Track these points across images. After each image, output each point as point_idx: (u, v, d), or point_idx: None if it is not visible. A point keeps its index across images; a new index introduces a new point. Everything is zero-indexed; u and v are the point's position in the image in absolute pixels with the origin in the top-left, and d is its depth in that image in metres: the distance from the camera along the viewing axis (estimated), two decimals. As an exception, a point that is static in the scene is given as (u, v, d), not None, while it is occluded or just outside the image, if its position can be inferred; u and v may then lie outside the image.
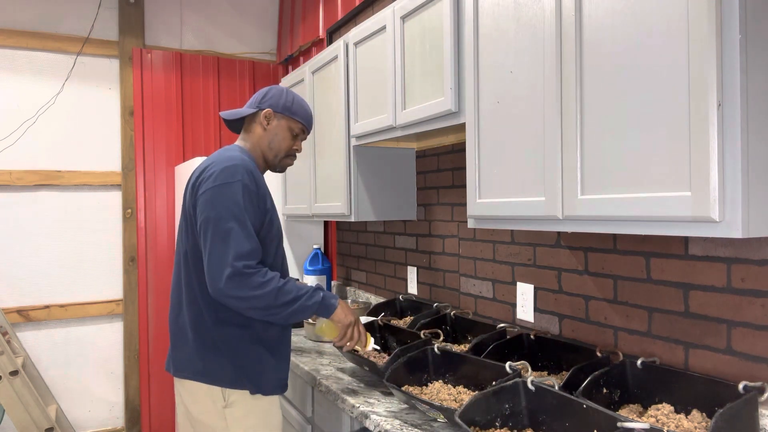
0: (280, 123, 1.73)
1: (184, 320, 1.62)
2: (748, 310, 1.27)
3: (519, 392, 1.31)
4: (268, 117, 1.72)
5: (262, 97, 1.74)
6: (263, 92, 1.75)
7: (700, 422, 1.20)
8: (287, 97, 1.74)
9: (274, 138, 1.73)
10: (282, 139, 1.74)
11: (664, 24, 1.05)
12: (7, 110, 3.29)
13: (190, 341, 1.59)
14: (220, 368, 1.56)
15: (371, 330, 2.07)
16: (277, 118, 1.73)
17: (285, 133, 1.74)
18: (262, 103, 1.73)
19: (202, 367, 1.57)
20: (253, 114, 1.74)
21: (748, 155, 0.97)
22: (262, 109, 1.72)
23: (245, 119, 1.76)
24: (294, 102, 1.75)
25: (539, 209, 1.34)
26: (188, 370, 1.59)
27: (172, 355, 1.66)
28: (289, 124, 1.74)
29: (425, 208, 2.49)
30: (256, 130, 1.73)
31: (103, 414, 3.48)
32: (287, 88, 1.79)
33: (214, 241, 1.48)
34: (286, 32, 3.79)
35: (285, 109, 1.73)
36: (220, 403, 1.57)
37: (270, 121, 1.72)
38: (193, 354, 1.58)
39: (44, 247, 3.35)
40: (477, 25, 1.55)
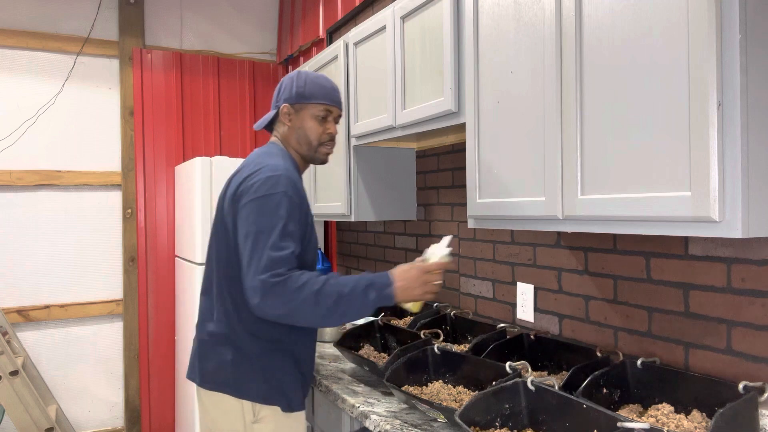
0: (300, 114, 1.61)
1: (215, 331, 1.53)
2: (748, 310, 1.27)
3: (519, 392, 1.31)
4: (287, 113, 1.62)
5: (277, 93, 1.65)
6: (277, 89, 1.66)
7: (700, 422, 1.20)
8: (298, 82, 1.61)
9: (299, 132, 1.61)
10: (308, 130, 1.61)
11: (664, 24, 1.05)
12: (7, 110, 3.28)
13: (220, 353, 1.51)
14: (251, 383, 1.49)
15: (371, 330, 2.07)
16: (295, 110, 1.61)
17: (309, 122, 1.61)
18: (278, 101, 1.64)
19: (233, 381, 1.49)
20: (275, 114, 1.65)
21: (748, 155, 0.97)
22: (279, 106, 1.63)
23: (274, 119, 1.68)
24: (307, 84, 1.60)
25: (539, 209, 1.34)
26: (216, 382, 1.52)
27: (199, 366, 1.57)
28: (311, 111, 1.61)
29: (425, 208, 2.49)
30: (281, 129, 1.64)
31: (103, 414, 3.48)
32: (299, 71, 1.65)
33: (252, 257, 1.38)
34: (286, 32, 3.79)
35: (299, 97, 1.60)
36: (249, 417, 1.49)
37: (290, 116, 1.62)
38: (224, 366, 1.50)
39: (44, 247, 3.35)
40: (477, 25, 1.55)
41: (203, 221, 2.76)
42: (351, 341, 2.00)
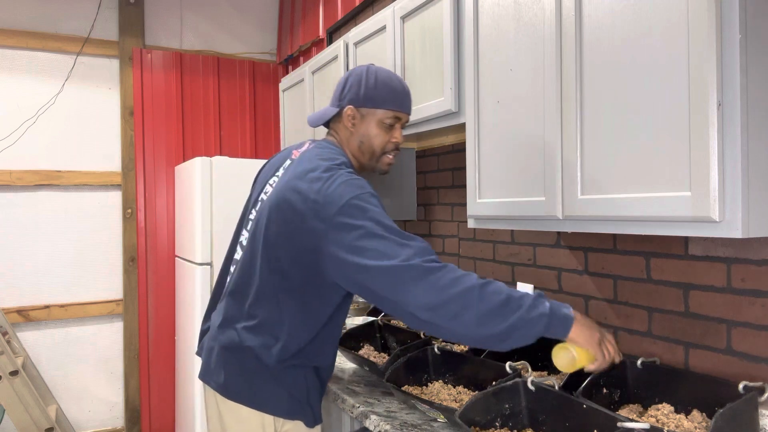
0: (366, 120, 1.43)
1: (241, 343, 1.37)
2: (748, 310, 1.27)
3: (519, 392, 1.31)
4: (351, 117, 1.44)
5: (341, 90, 1.46)
6: (341, 84, 1.47)
7: (700, 422, 1.20)
8: (368, 82, 1.42)
9: (364, 139, 1.44)
10: (373, 137, 1.44)
11: (664, 24, 1.05)
12: (7, 110, 3.28)
13: (246, 364, 1.38)
14: (276, 397, 1.38)
15: (371, 330, 2.07)
16: (361, 114, 1.43)
17: (376, 129, 1.44)
18: (342, 100, 1.44)
19: (256, 393, 1.38)
20: (338, 113, 1.47)
21: (748, 155, 0.97)
22: (343, 107, 1.44)
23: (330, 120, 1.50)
24: (377, 86, 1.42)
25: (539, 209, 1.34)
26: (237, 393, 1.39)
27: (219, 373, 1.41)
28: (378, 117, 1.43)
29: (425, 208, 2.49)
30: (342, 132, 1.47)
31: (103, 414, 3.48)
32: (368, 68, 1.46)
33: (377, 253, 1.16)
34: (286, 32, 3.79)
35: (368, 100, 1.41)
36: (270, 429, 1.39)
37: (354, 120, 1.44)
38: (248, 378, 1.38)
39: (44, 247, 3.35)
40: (477, 25, 1.55)
41: (203, 221, 2.75)
42: (351, 341, 2.00)
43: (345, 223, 1.21)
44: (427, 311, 1.11)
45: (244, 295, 1.41)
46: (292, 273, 1.32)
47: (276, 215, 1.33)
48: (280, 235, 1.32)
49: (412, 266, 1.13)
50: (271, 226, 1.34)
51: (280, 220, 1.32)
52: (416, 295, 1.12)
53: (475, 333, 1.11)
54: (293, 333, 1.35)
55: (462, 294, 1.10)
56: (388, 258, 1.15)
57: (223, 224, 2.76)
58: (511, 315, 1.09)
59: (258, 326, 1.37)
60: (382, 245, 1.17)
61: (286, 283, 1.33)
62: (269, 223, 1.35)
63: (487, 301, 1.10)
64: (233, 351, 1.39)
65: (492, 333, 1.10)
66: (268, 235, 1.35)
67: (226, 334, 1.41)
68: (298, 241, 1.28)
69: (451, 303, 1.10)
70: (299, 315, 1.35)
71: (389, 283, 1.14)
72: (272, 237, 1.34)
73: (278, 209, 1.33)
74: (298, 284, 1.32)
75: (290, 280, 1.33)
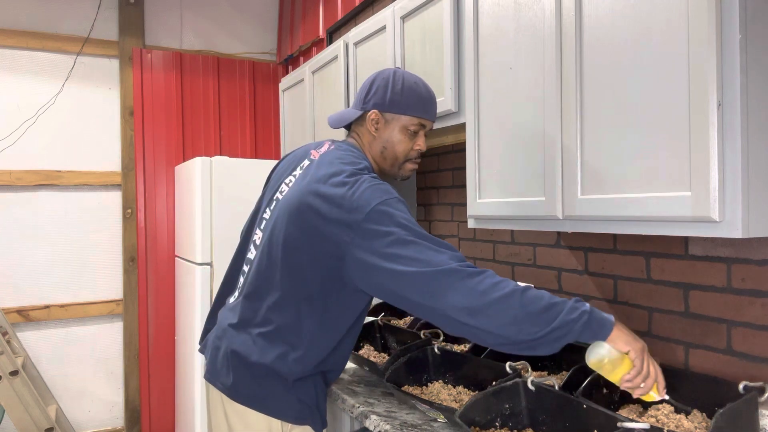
0: (390, 125, 1.41)
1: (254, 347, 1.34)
2: (748, 310, 1.27)
3: (519, 392, 1.31)
4: (375, 121, 1.41)
5: (365, 93, 1.43)
6: (366, 86, 1.44)
7: (700, 422, 1.20)
8: (394, 87, 1.40)
9: (387, 144, 1.42)
10: (397, 144, 1.42)
11: (664, 24, 1.05)
12: (7, 110, 3.28)
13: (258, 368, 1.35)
14: (285, 404, 1.35)
15: (371, 330, 2.07)
16: (385, 120, 1.41)
17: (399, 135, 1.42)
18: (366, 103, 1.42)
19: (265, 397, 1.35)
20: (360, 116, 1.45)
21: (748, 155, 0.97)
22: (368, 110, 1.42)
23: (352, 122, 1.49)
24: (404, 92, 1.40)
25: (539, 209, 1.34)
26: (246, 396, 1.36)
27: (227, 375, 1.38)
28: (402, 123, 1.41)
29: (425, 208, 2.49)
30: (365, 136, 1.44)
31: (103, 414, 3.48)
32: (395, 72, 1.44)
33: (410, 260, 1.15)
34: (286, 32, 3.79)
35: (393, 105, 1.39)
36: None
37: (378, 125, 1.42)
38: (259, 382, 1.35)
39: (44, 247, 3.35)
40: (477, 25, 1.55)
41: (203, 221, 2.75)
42: (351, 341, 2.00)
43: (373, 230, 1.19)
44: (468, 315, 1.10)
45: (261, 299, 1.36)
46: (313, 279, 1.29)
47: (297, 219, 1.30)
48: (301, 240, 1.29)
49: (450, 270, 1.12)
50: (291, 230, 1.30)
51: (302, 225, 1.29)
52: (456, 299, 1.10)
53: (516, 337, 1.09)
54: (314, 342, 1.32)
55: (503, 298, 1.09)
56: (424, 264, 1.14)
57: (223, 224, 2.76)
58: (553, 320, 1.07)
59: (274, 333, 1.33)
60: (414, 251, 1.15)
61: (307, 290, 1.30)
62: (289, 225, 1.31)
63: (529, 306, 1.08)
64: (244, 356, 1.35)
65: (533, 338, 1.08)
66: (288, 239, 1.31)
67: (240, 338, 1.37)
68: (320, 247, 1.25)
69: (492, 307, 1.09)
70: (320, 323, 1.32)
71: (426, 289, 1.13)
72: (293, 242, 1.30)
73: (299, 213, 1.29)
74: (319, 291, 1.29)
75: (311, 287, 1.30)
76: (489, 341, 1.13)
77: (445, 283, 1.12)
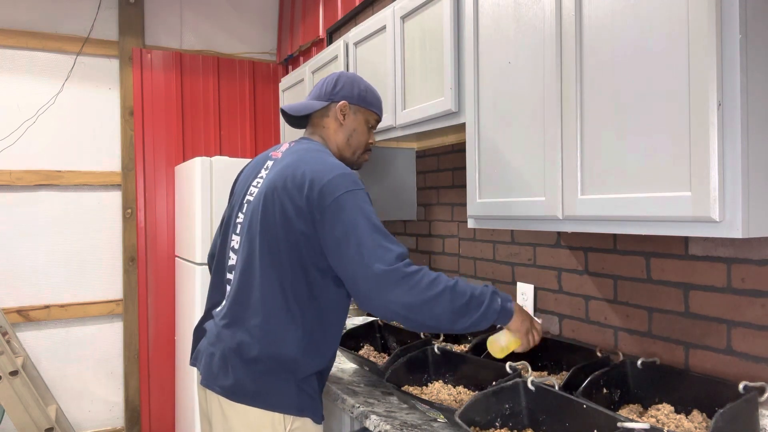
0: (356, 116, 1.58)
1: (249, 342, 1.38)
2: (748, 310, 1.27)
3: (519, 392, 1.31)
4: (343, 111, 1.56)
5: (332, 87, 1.57)
6: (332, 82, 1.58)
7: (700, 422, 1.20)
8: (361, 85, 1.59)
9: (353, 133, 1.58)
10: (360, 134, 1.59)
11: (664, 24, 1.05)
12: (7, 110, 3.28)
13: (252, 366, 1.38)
14: (285, 396, 1.38)
15: (371, 330, 2.07)
16: (352, 111, 1.57)
17: (362, 126, 1.59)
18: (334, 95, 1.56)
19: (264, 393, 1.38)
20: (325, 108, 1.57)
21: (748, 155, 0.97)
22: (336, 101, 1.56)
23: (312, 115, 1.60)
24: (368, 90, 1.60)
25: (539, 209, 1.34)
26: (244, 395, 1.38)
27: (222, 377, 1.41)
28: (365, 116, 1.59)
29: (425, 208, 2.49)
30: (330, 126, 1.57)
31: (103, 414, 3.48)
32: (357, 75, 1.65)
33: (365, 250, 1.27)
34: (286, 32, 3.79)
35: (360, 100, 1.57)
36: (281, 429, 1.38)
37: (346, 115, 1.56)
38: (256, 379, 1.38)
39: (44, 247, 3.35)
40: (477, 25, 1.55)
41: (203, 221, 2.75)
42: (351, 341, 2.00)
43: (338, 215, 1.30)
44: (406, 310, 1.25)
45: (249, 294, 1.41)
46: (292, 263, 1.37)
47: (271, 207, 1.39)
48: (277, 226, 1.37)
49: (395, 270, 1.25)
50: (267, 219, 1.39)
51: (276, 211, 1.38)
52: (398, 295, 1.24)
53: (446, 327, 1.29)
54: (305, 324, 1.38)
55: (437, 296, 1.25)
56: (375, 259, 1.26)
57: (223, 224, 2.76)
58: (475, 312, 1.29)
59: (267, 323, 1.37)
60: (370, 242, 1.28)
61: (288, 275, 1.37)
62: (264, 216, 1.40)
63: (457, 301, 1.26)
64: (244, 352, 1.38)
65: (459, 327, 1.29)
66: (265, 228, 1.39)
67: (236, 336, 1.40)
68: (293, 230, 1.35)
69: (427, 303, 1.25)
70: (306, 306, 1.38)
71: (374, 283, 1.26)
72: (270, 230, 1.38)
73: (272, 201, 1.39)
74: (300, 274, 1.37)
75: (291, 271, 1.37)
76: (421, 329, 1.35)
77: (391, 279, 1.25)
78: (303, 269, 1.37)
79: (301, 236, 1.35)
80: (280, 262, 1.37)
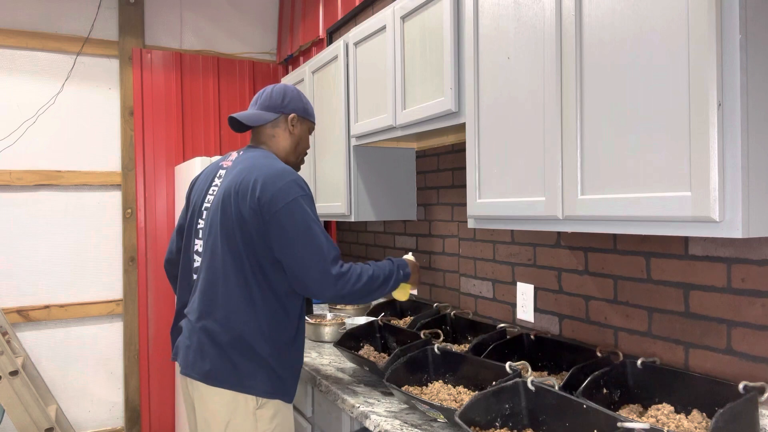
0: (302, 126, 1.79)
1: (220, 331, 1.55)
2: (748, 310, 1.27)
3: (519, 392, 1.31)
4: (294, 122, 1.76)
5: (281, 100, 1.74)
6: (280, 95, 1.75)
7: (700, 422, 1.20)
8: (304, 98, 1.80)
9: (300, 141, 1.79)
10: (305, 141, 1.81)
11: (665, 24, 1.05)
12: (7, 110, 3.28)
13: (226, 352, 1.55)
14: (257, 380, 1.55)
15: (371, 330, 2.07)
16: (300, 122, 1.77)
17: (306, 134, 1.81)
18: (284, 107, 1.74)
19: (238, 378, 1.55)
20: (276, 119, 1.75)
21: (748, 155, 0.97)
22: (286, 113, 1.74)
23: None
24: (308, 103, 1.81)
25: (539, 209, 1.34)
26: (220, 380, 1.55)
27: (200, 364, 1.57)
28: (308, 126, 1.81)
29: (425, 208, 2.49)
30: (280, 135, 1.75)
31: (103, 414, 3.48)
32: (297, 88, 1.83)
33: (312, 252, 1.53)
34: (286, 32, 3.79)
35: (305, 112, 1.78)
36: (253, 405, 1.57)
37: (296, 125, 1.76)
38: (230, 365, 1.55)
39: (44, 247, 3.35)
40: (477, 25, 1.55)
41: (203, 221, 2.75)
42: (351, 341, 2.00)
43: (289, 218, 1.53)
44: (341, 298, 1.57)
45: (215, 287, 1.59)
46: (249, 254, 1.56)
47: (229, 208, 1.58)
48: (235, 224, 1.57)
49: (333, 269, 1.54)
50: (227, 218, 1.58)
51: (234, 211, 1.57)
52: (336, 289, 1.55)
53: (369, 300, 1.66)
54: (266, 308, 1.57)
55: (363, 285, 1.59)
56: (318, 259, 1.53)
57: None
58: (387, 286, 1.68)
59: (234, 310, 1.56)
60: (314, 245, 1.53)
61: (247, 265, 1.56)
62: (224, 217, 1.59)
63: (375, 284, 1.63)
64: (210, 342, 1.56)
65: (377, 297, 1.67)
66: (224, 229, 1.59)
67: (204, 328, 1.58)
68: (250, 226, 1.55)
69: (357, 291, 1.58)
70: (266, 291, 1.57)
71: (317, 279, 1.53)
72: (229, 227, 1.58)
73: (230, 203, 1.58)
74: (256, 263, 1.56)
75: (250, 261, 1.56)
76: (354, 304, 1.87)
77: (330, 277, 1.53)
78: (259, 264, 1.56)
79: (256, 235, 1.54)
80: (240, 259, 1.56)
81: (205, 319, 1.58)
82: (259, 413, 1.57)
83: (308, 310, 2.57)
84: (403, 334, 1.94)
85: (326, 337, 2.35)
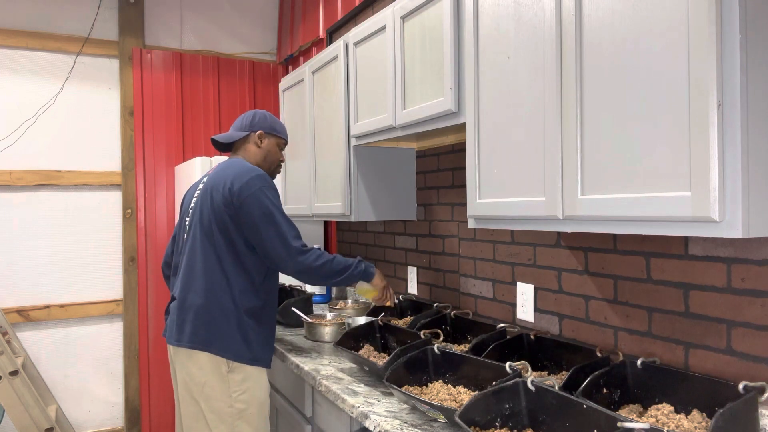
0: (270, 141, 2.12)
1: (200, 302, 1.87)
2: (748, 310, 1.27)
3: (519, 392, 1.31)
4: (261, 137, 2.10)
5: (250, 121, 2.11)
6: (249, 117, 2.11)
7: (700, 422, 1.20)
8: (271, 119, 2.15)
9: (268, 153, 2.12)
10: (273, 154, 2.14)
11: (665, 24, 1.05)
12: (7, 110, 3.29)
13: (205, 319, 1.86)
14: (230, 343, 1.86)
15: (371, 330, 2.07)
16: (267, 137, 2.11)
17: (274, 148, 2.14)
18: (253, 127, 2.10)
19: (214, 341, 1.85)
20: (246, 136, 2.10)
21: (748, 155, 0.97)
22: (255, 131, 2.10)
23: (236, 141, 2.12)
24: (276, 122, 2.15)
25: (539, 209, 1.34)
26: (198, 342, 1.86)
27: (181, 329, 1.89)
28: (276, 140, 2.14)
29: (425, 208, 2.49)
30: (251, 149, 2.10)
31: (103, 414, 3.48)
32: (267, 111, 2.19)
33: (276, 231, 1.85)
34: (286, 32, 3.79)
35: (272, 129, 2.12)
36: (225, 368, 1.86)
37: (263, 140, 2.10)
38: (208, 329, 1.86)
39: (44, 247, 3.35)
40: (477, 25, 1.55)
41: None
42: (351, 341, 2.00)
43: (254, 204, 1.85)
44: (300, 275, 1.91)
45: (194, 268, 1.90)
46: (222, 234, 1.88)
47: (208, 202, 1.91)
48: (211, 213, 1.89)
49: (297, 248, 1.87)
50: (206, 210, 1.91)
51: (211, 203, 1.89)
52: (299, 264, 1.87)
53: (328, 283, 1.98)
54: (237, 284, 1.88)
55: (322, 264, 1.90)
56: (284, 239, 1.85)
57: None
58: (345, 273, 1.96)
59: (207, 285, 1.87)
60: (280, 228, 1.86)
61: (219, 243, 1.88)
62: (200, 211, 1.93)
63: (335, 268, 1.93)
64: (191, 311, 1.87)
65: (335, 282, 1.97)
66: (202, 218, 1.91)
67: (185, 298, 1.89)
68: (224, 213, 1.87)
69: (315, 272, 1.90)
70: (236, 269, 1.88)
71: (284, 255, 1.86)
72: (207, 216, 1.90)
73: (209, 198, 1.91)
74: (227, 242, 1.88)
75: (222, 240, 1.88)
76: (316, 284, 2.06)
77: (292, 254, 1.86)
78: (231, 243, 1.88)
79: (228, 219, 1.87)
80: (214, 240, 1.89)
81: (185, 291, 1.90)
82: (230, 377, 1.86)
83: (308, 310, 2.58)
84: (403, 334, 1.94)
85: (326, 337, 2.35)
